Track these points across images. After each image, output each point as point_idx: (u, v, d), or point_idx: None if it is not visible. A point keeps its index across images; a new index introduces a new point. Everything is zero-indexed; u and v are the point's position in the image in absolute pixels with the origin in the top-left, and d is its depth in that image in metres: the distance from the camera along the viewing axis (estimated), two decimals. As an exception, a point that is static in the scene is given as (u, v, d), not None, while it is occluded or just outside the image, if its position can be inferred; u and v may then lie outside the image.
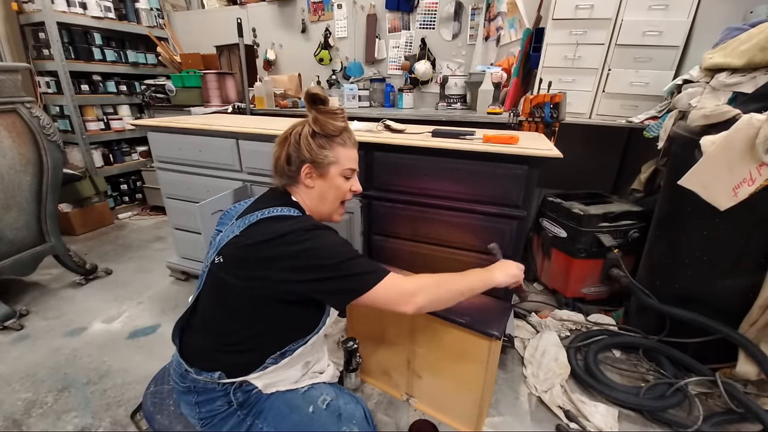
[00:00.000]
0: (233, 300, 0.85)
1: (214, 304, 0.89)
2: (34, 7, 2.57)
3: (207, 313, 0.91)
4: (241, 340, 0.86)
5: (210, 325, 0.90)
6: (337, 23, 2.92)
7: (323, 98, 0.93)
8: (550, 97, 1.67)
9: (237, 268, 0.85)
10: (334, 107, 0.94)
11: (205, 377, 0.86)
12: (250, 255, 0.83)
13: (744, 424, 1.22)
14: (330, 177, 0.96)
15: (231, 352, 0.86)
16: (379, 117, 1.82)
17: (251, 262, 0.83)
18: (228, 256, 0.86)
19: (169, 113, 2.82)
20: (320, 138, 0.93)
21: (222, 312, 0.88)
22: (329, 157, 0.94)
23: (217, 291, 0.89)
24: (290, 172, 0.95)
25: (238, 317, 0.86)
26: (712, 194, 1.22)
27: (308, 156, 0.92)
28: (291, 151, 0.94)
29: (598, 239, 1.70)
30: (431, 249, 1.41)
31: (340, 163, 0.96)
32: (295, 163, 0.94)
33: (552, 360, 1.45)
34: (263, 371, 0.87)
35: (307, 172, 0.94)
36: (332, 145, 0.94)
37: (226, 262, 0.87)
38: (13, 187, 1.80)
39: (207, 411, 0.88)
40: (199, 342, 0.90)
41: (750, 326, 1.27)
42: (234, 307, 0.86)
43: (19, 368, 1.50)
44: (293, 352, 0.90)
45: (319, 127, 0.92)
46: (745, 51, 1.34)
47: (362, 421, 0.92)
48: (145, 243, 2.69)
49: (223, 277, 0.86)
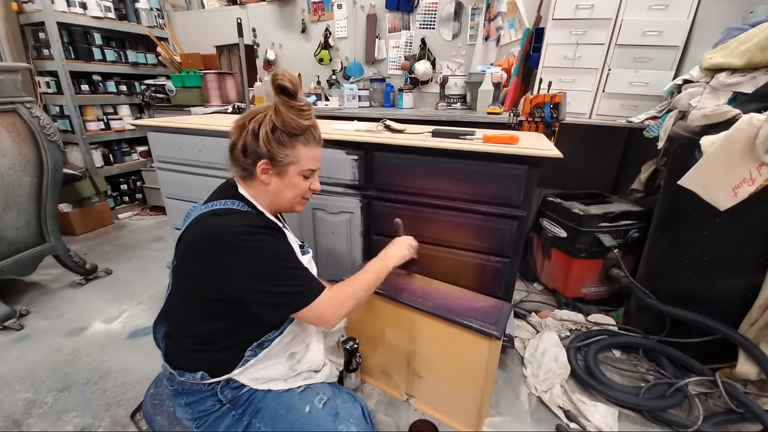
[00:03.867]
0: (194, 300, 0.85)
1: (180, 305, 0.89)
2: (34, 7, 2.57)
3: (177, 314, 0.91)
4: (212, 339, 0.86)
5: (182, 326, 0.89)
6: (337, 23, 2.92)
7: (292, 92, 0.84)
8: (550, 97, 1.67)
9: (184, 270, 0.84)
10: (300, 102, 0.86)
11: (188, 378, 0.85)
12: (190, 255, 0.82)
13: (744, 424, 1.22)
14: (288, 176, 0.89)
15: (207, 350, 0.86)
16: (379, 117, 1.82)
17: (195, 258, 0.81)
18: (178, 256, 0.86)
19: (169, 113, 2.82)
20: (281, 134, 0.85)
21: (188, 312, 0.87)
22: (289, 157, 0.87)
23: (179, 292, 0.88)
24: (245, 164, 0.87)
25: (203, 315, 0.85)
26: (712, 194, 1.22)
27: (265, 151, 0.85)
28: (248, 142, 0.85)
29: (598, 239, 1.70)
30: (431, 249, 1.41)
31: (300, 164, 0.89)
32: (251, 156, 0.86)
33: (552, 360, 1.45)
34: (244, 366, 0.87)
35: (264, 168, 0.86)
36: (294, 144, 0.86)
37: (177, 263, 0.86)
38: (13, 187, 1.80)
39: (199, 412, 0.88)
40: (177, 344, 0.90)
41: (750, 326, 1.27)
42: (196, 306, 0.85)
43: (19, 368, 1.50)
44: (271, 342, 0.89)
45: (280, 122, 0.84)
46: (745, 51, 1.34)
47: (360, 420, 0.92)
48: (145, 243, 2.69)
49: (179, 278, 0.86)
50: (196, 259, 0.81)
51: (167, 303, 0.93)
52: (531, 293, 2.02)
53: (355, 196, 1.46)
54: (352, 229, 1.52)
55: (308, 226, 1.57)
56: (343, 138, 1.37)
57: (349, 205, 1.47)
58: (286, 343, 0.94)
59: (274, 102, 0.85)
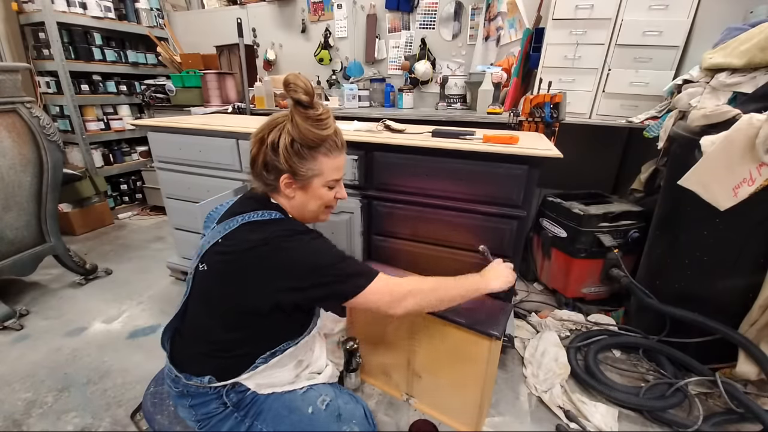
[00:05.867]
0: (220, 307, 0.84)
1: (202, 310, 0.88)
2: (34, 7, 2.57)
3: (195, 319, 0.90)
4: (230, 346, 0.85)
5: (199, 331, 0.88)
6: (337, 23, 2.92)
7: (307, 102, 0.79)
8: (550, 97, 1.67)
9: (221, 277, 0.83)
10: (318, 111, 0.80)
11: (195, 381, 0.85)
12: (234, 264, 0.81)
13: (744, 424, 1.22)
14: (312, 189, 0.87)
15: (221, 357, 0.85)
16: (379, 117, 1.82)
17: (236, 271, 0.81)
18: (211, 265, 0.84)
19: (169, 113, 2.82)
20: (300, 148, 0.81)
21: (210, 318, 0.86)
22: (312, 170, 0.84)
23: (203, 298, 0.87)
24: (268, 180, 0.85)
25: (226, 323, 0.84)
26: (712, 194, 1.22)
27: (287, 167, 0.82)
28: (268, 158, 0.82)
29: (598, 239, 1.70)
30: (431, 249, 1.41)
31: (323, 176, 0.86)
32: (273, 171, 0.84)
33: (552, 360, 1.45)
34: (253, 371, 0.87)
35: (287, 182, 0.84)
36: (315, 156, 0.83)
37: (210, 270, 0.84)
38: (13, 187, 1.80)
39: (203, 414, 0.88)
40: (189, 347, 0.89)
41: (750, 326, 1.27)
42: (222, 314, 0.84)
43: (19, 368, 1.50)
44: (283, 351, 0.89)
45: (298, 135, 0.80)
46: (745, 51, 1.34)
47: (362, 421, 0.92)
48: (145, 243, 2.69)
49: (208, 285, 0.85)
50: (240, 268, 0.80)
51: (184, 306, 0.92)
52: (531, 293, 2.02)
53: (355, 196, 1.46)
54: (352, 229, 1.52)
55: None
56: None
57: (349, 205, 1.48)
58: (298, 352, 0.94)
59: (290, 111, 0.82)
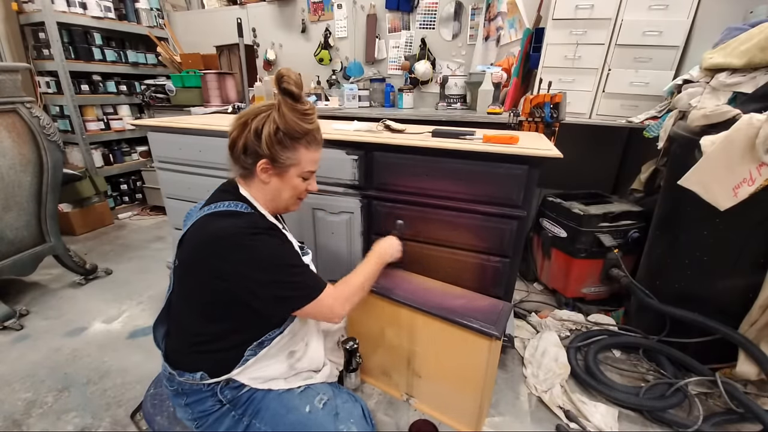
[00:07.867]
0: (197, 300, 0.85)
1: (183, 305, 0.89)
2: (34, 7, 2.57)
3: (178, 315, 0.91)
4: (213, 339, 0.86)
5: (183, 327, 0.90)
6: (337, 23, 2.92)
7: (297, 95, 0.84)
8: (550, 97, 1.67)
9: (188, 271, 0.85)
10: (305, 106, 0.86)
11: (188, 378, 0.85)
12: (194, 257, 0.83)
13: (744, 424, 1.22)
14: (287, 177, 0.90)
15: (208, 351, 0.86)
16: (379, 117, 1.82)
17: (197, 264, 0.82)
18: (180, 259, 0.86)
19: (169, 113, 2.82)
20: (284, 136, 0.85)
21: (190, 313, 0.87)
22: (290, 159, 0.87)
23: (181, 292, 0.89)
24: (246, 163, 0.87)
25: (205, 317, 0.85)
26: (712, 194, 1.22)
27: (267, 152, 0.85)
28: (249, 141, 0.85)
29: (598, 239, 1.70)
30: (431, 249, 1.41)
31: (300, 166, 0.90)
32: (251, 155, 0.86)
33: (552, 360, 1.45)
34: (244, 365, 0.87)
35: (264, 167, 0.87)
36: (296, 146, 0.87)
37: (180, 264, 0.86)
38: (13, 187, 1.80)
39: (199, 412, 0.88)
40: (177, 344, 0.90)
41: (750, 326, 1.27)
42: (200, 307, 0.85)
43: (19, 368, 1.50)
44: (271, 341, 0.90)
45: (284, 124, 0.84)
46: (745, 51, 1.34)
47: (360, 420, 0.92)
48: (145, 243, 2.69)
49: (182, 279, 0.87)
50: (201, 260, 0.82)
51: (168, 303, 0.93)
52: (531, 293, 2.02)
53: (355, 196, 1.46)
54: (352, 229, 1.52)
55: (308, 227, 1.57)
56: (343, 138, 1.37)
57: (349, 205, 1.47)
58: (286, 342, 0.94)
59: (278, 101, 0.85)
